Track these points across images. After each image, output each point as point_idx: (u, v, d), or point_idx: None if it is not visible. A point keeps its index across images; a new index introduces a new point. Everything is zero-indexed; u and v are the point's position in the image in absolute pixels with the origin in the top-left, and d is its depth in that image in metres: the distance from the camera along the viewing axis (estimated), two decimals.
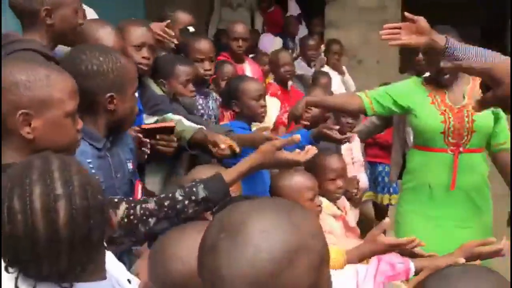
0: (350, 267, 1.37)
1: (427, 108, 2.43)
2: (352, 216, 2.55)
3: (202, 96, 2.63)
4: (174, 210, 1.30)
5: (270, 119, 2.94)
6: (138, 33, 2.10)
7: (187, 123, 2.07)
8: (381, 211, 4.03)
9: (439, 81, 2.43)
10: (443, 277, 0.77)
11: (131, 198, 1.37)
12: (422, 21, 1.89)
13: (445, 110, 2.42)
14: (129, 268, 1.47)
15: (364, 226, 3.24)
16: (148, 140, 1.85)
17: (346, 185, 2.47)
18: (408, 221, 2.52)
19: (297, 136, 1.51)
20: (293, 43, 5.59)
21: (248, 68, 3.53)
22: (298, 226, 0.76)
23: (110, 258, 1.10)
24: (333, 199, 2.31)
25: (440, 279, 0.77)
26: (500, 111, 2.46)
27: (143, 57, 2.09)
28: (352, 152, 3.34)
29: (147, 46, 2.11)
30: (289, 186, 1.95)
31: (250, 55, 4.18)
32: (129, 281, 1.12)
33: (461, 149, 2.41)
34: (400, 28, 1.91)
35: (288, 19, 5.76)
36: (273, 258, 0.72)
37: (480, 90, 1.37)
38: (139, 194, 1.50)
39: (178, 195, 1.31)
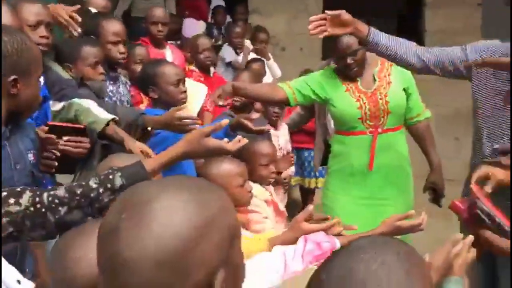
0: (278, 249, 1.35)
1: (343, 96, 2.52)
2: (278, 199, 2.56)
3: (112, 82, 2.49)
4: (88, 198, 1.20)
5: (193, 105, 2.84)
6: (33, 11, 1.94)
7: (96, 110, 1.93)
8: (308, 195, 4.09)
9: (347, 75, 2.52)
10: (350, 249, 0.76)
11: (35, 187, 1.24)
12: (344, 14, 1.97)
13: (359, 96, 2.51)
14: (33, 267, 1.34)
15: (292, 210, 3.25)
16: (54, 137, 1.69)
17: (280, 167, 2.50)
18: (335, 202, 2.59)
19: (225, 121, 1.46)
20: (219, 32, 5.53)
21: (169, 54, 3.41)
22: (207, 202, 0.72)
23: None
24: (266, 184, 2.29)
25: (347, 252, 0.76)
26: (410, 87, 2.58)
27: (41, 37, 1.94)
28: (279, 139, 3.37)
29: (44, 24, 1.96)
30: (217, 174, 1.88)
31: (171, 41, 4.05)
32: (18, 282, 1.01)
33: (379, 130, 2.51)
34: (325, 19, 1.97)
35: (216, 9, 5.71)
36: (181, 235, 0.68)
37: None
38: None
39: (92, 183, 1.22)
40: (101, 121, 1.89)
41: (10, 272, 1.02)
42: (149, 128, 2.03)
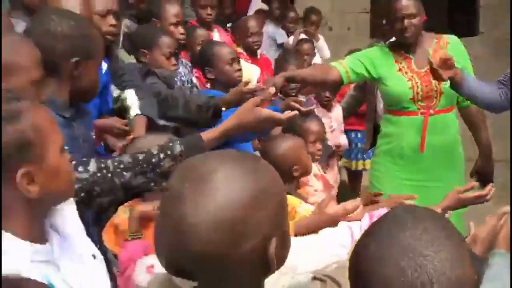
0: (343, 224, 1.38)
1: (395, 75, 2.48)
2: (332, 175, 2.63)
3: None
4: (150, 164, 1.31)
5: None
6: (102, 0, 1.99)
7: (134, 105, 1.98)
8: (355, 177, 4.07)
9: (403, 43, 2.46)
10: (389, 220, 0.81)
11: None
12: (452, 58, 2.17)
13: (412, 76, 2.46)
14: (97, 239, 1.44)
15: (340, 191, 3.27)
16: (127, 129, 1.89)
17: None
18: (384, 184, 2.55)
19: (272, 89, 1.52)
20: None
21: (217, 37, 3.45)
22: (261, 173, 0.80)
23: (76, 228, 1.05)
24: (314, 161, 2.34)
25: (387, 223, 0.80)
26: (466, 67, 2.49)
27: (110, 25, 2.00)
28: (331, 120, 3.38)
29: (112, 13, 2.02)
30: (289, 148, 1.97)
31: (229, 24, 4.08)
32: (94, 256, 1.07)
33: (431, 111, 2.46)
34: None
35: None
36: (241, 203, 0.76)
37: None
38: None
39: (154, 150, 1.33)
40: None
41: (86, 245, 1.07)
42: (223, 109, 2.00)
